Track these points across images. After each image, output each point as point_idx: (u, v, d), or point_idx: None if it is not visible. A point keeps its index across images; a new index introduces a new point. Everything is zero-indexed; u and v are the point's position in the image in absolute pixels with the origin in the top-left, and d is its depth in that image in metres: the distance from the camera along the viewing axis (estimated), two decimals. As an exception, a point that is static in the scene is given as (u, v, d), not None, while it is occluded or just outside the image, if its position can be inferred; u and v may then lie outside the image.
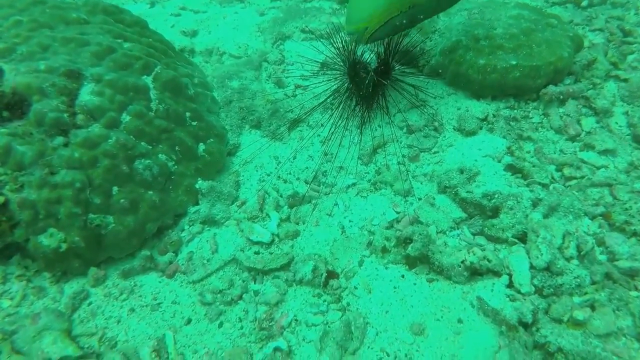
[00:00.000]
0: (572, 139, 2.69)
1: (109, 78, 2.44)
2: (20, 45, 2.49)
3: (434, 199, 2.46)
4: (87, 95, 2.37)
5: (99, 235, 2.26)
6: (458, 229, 2.34)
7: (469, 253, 2.11)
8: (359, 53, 2.92)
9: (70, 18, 2.78)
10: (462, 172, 2.44)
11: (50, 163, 2.19)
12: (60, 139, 2.25)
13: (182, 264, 2.37)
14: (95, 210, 2.26)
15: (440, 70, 3.13)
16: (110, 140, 2.32)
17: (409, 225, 2.35)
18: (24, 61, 2.40)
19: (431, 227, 2.31)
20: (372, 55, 2.93)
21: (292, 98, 3.24)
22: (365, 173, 2.73)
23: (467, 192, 2.36)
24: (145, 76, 2.64)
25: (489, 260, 2.08)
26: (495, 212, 2.28)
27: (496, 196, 2.28)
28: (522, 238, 2.19)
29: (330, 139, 2.92)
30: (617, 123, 2.74)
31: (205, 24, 4.21)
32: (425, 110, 2.94)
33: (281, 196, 2.64)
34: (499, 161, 2.56)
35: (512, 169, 2.50)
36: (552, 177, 2.48)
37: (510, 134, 2.71)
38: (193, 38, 4.02)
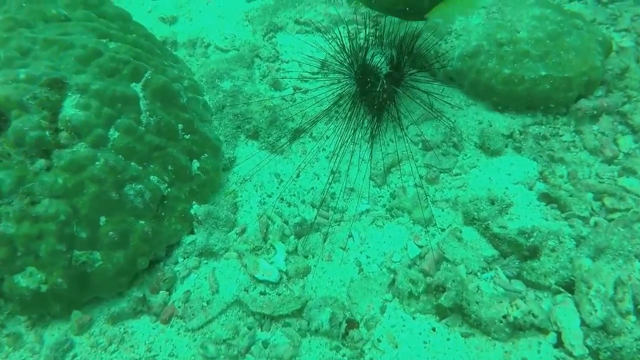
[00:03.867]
0: (609, 161, 2.55)
1: (96, 88, 2.23)
2: (-3, 49, 2.26)
3: (460, 232, 2.30)
4: (71, 108, 2.16)
5: (84, 274, 2.06)
6: (491, 270, 2.18)
7: (512, 306, 1.94)
8: (369, 56, 2.70)
9: (50, 14, 2.55)
10: (493, 202, 2.28)
11: (32, 191, 1.99)
12: (41, 162, 2.04)
13: (179, 307, 2.18)
14: (81, 245, 2.05)
15: (455, 77, 2.95)
16: (98, 163, 2.10)
17: (434, 263, 2.17)
18: (2, 69, 2.18)
19: (460, 267, 2.15)
20: (381, 58, 2.69)
21: (292, 103, 3.02)
22: (379, 197, 2.56)
23: (500, 227, 2.20)
24: (134, 83, 2.41)
25: (534, 316, 1.92)
26: (533, 252, 2.12)
27: (534, 234, 2.13)
28: (568, 286, 2.02)
29: (338, 154, 2.71)
30: (658, 143, 2.58)
31: (185, 9, 3.98)
32: (442, 122, 2.75)
33: (286, 223, 2.45)
34: (531, 188, 2.43)
35: (546, 198, 2.35)
36: (592, 209, 2.33)
37: (541, 156, 2.55)
38: (173, 25, 3.80)
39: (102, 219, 2.10)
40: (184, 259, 2.33)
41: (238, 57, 3.33)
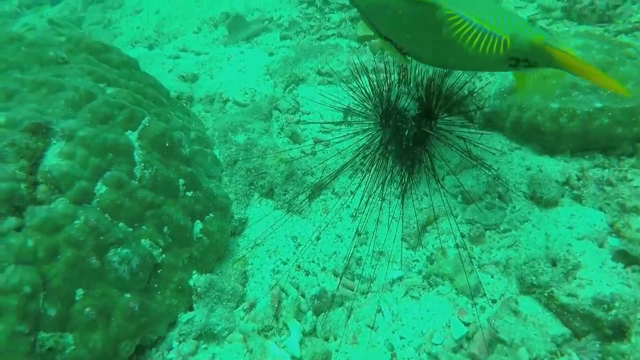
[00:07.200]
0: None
1: (83, 134, 1.87)
2: (-19, 92, 1.96)
3: (516, 303, 1.82)
4: (53, 157, 1.80)
5: (50, 364, 1.60)
6: (562, 355, 1.68)
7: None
8: (394, 97, 2.30)
9: (47, 57, 2.27)
10: (554, 263, 1.80)
11: (-6, 256, 1.60)
12: (12, 221, 1.64)
13: (161, 411, 1.70)
14: (49, 325, 1.62)
15: (494, 119, 2.56)
16: (77, 222, 1.71)
17: (485, 345, 1.69)
18: (-18, 114, 1.85)
19: (520, 351, 1.66)
20: (408, 101, 2.27)
21: (312, 156, 2.59)
22: (413, 261, 2.12)
23: (569, 295, 1.71)
24: (129, 131, 2.06)
25: None
26: (619, 329, 1.63)
27: (617, 304, 1.64)
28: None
29: (364, 211, 2.28)
30: None
31: (207, 67, 3.69)
32: (483, 170, 2.32)
33: (303, 296, 2.02)
34: (601, 245, 1.94)
35: (624, 257, 1.86)
36: (686, 269, 1.83)
37: (608, 204, 2.07)
38: (193, 83, 3.46)
39: (79, 291, 1.70)
40: (179, 342, 1.88)
41: (255, 110, 2.97)
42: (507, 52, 1.49)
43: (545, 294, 1.79)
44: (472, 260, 2.04)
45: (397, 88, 2.36)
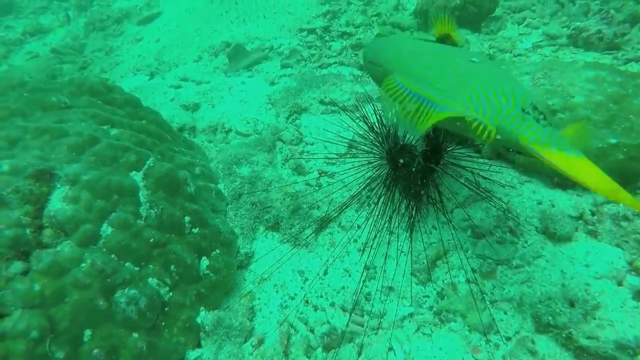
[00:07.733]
0: None
1: (87, 178, 1.88)
2: (-17, 141, 1.98)
3: (532, 342, 1.80)
4: (58, 202, 1.80)
5: (57, 410, 1.60)
6: (586, 401, 1.65)
7: None
8: (400, 133, 2.28)
9: (49, 103, 2.30)
10: (572, 304, 1.77)
11: (1, 301, 1.59)
12: (18, 266, 1.65)
13: None
14: (56, 368, 1.62)
15: (503, 152, 2.57)
16: (83, 265, 1.72)
17: (502, 385, 1.67)
18: (-14, 162, 1.87)
19: None
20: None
21: (317, 189, 2.59)
22: (424, 297, 2.09)
23: (589, 337, 1.68)
24: (134, 172, 2.07)
25: None
26: None
27: None
28: None
29: (372, 246, 2.26)
30: None
31: (208, 96, 3.71)
32: (493, 203, 2.31)
33: (312, 331, 2.00)
34: (620, 284, 1.91)
35: (646, 297, 1.82)
36: None
37: (626, 241, 2.05)
38: (195, 112, 3.49)
39: (87, 332, 1.69)
40: (188, 381, 1.86)
41: (258, 141, 2.98)
42: (498, 141, 1.47)
43: (563, 335, 1.77)
44: (484, 296, 2.03)
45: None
